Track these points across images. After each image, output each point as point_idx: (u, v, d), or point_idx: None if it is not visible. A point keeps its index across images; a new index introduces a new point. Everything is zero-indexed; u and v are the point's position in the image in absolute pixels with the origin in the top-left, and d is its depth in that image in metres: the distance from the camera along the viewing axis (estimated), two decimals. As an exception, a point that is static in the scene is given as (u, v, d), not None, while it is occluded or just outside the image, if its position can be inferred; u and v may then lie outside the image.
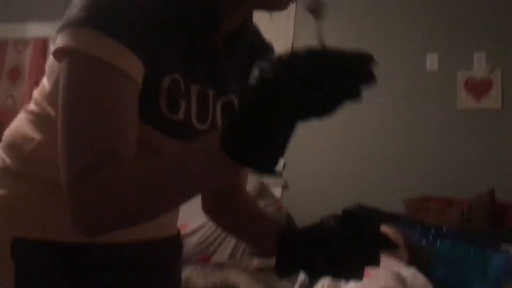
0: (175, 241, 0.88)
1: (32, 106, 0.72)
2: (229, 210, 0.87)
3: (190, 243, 2.80)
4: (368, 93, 0.52)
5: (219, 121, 0.72)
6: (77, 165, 0.56)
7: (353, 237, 0.63)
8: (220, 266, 2.63)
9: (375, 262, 0.63)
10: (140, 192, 0.56)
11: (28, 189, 0.64)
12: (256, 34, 0.82)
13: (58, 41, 0.59)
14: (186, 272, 2.62)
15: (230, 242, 2.78)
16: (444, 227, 1.76)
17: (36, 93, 0.73)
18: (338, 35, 3.11)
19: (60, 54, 0.59)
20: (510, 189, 2.51)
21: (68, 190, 0.56)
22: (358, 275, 0.64)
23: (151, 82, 0.61)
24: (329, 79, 0.46)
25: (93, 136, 0.56)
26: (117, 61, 0.57)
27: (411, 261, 1.56)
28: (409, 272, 1.46)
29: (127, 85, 0.58)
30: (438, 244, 1.67)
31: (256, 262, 2.51)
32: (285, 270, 0.67)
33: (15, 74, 3.91)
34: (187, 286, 2.64)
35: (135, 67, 0.58)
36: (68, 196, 0.56)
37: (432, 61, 2.82)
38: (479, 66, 2.72)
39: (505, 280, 1.56)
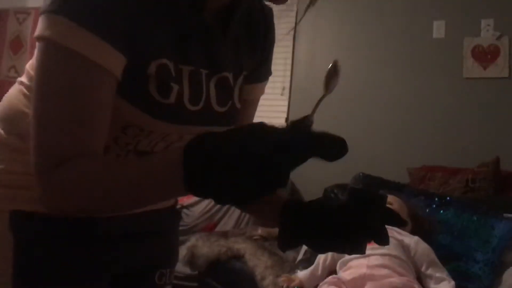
0: (172, 211, 0.90)
1: (24, 78, 0.72)
2: None
3: (195, 213, 2.84)
4: (374, 61, 0.51)
5: (213, 100, 0.72)
6: (44, 157, 0.57)
7: (359, 213, 0.63)
8: (225, 234, 2.66)
9: (382, 238, 0.63)
10: (98, 191, 0.58)
11: (24, 164, 0.65)
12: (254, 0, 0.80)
13: (38, 26, 0.58)
14: (192, 241, 2.66)
15: (235, 212, 2.81)
16: (448, 196, 1.76)
17: (28, 66, 0.72)
18: (345, 5, 3.06)
19: (38, 38, 0.58)
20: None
21: (36, 177, 0.58)
22: (360, 249, 0.64)
23: (138, 69, 0.60)
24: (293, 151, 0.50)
25: (61, 130, 0.57)
26: (90, 52, 0.55)
27: (415, 230, 1.57)
28: (412, 240, 1.47)
29: (101, 77, 0.57)
30: (441, 212, 1.67)
31: (260, 231, 2.54)
32: (288, 243, 0.67)
33: (16, 45, 3.89)
34: (193, 254, 2.69)
35: (111, 58, 0.57)
36: (36, 182, 0.58)
37: (438, 28, 2.77)
38: (487, 33, 2.67)
39: (508, 248, 1.57)
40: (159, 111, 0.64)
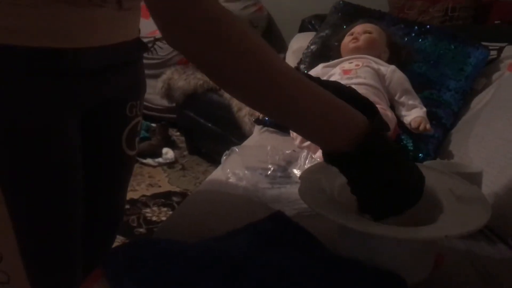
0: (138, 41, 0.88)
1: None
2: None
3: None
4: None
5: None
6: None
7: None
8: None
9: None
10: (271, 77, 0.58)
11: None
12: None
13: None
14: (167, 74, 2.64)
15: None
16: (428, 25, 1.72)
17: None
18: None
19: None
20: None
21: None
22: None
23: None
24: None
25: None
26: None
27: (392, 58, 1.57)
28: (388, 69, 1.48)
29: None
30: (420, 41, 1.65)
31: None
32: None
33: None
34: (169, 87, 2.69)
35: None
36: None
37: None
38: None
39: (480, 75, 1.60)
40: None
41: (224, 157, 1.16)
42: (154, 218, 2.08)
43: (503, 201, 0.95)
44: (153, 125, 2.79)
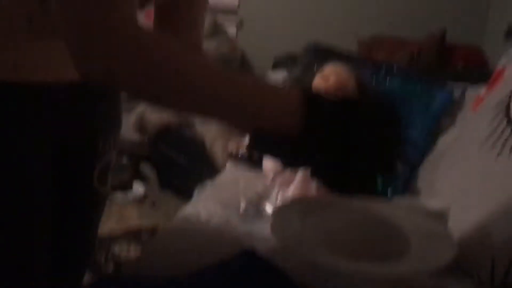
0: None
1: None
2: None
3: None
4: None
5: None
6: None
7: None
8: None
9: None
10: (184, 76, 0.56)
11: None
12: None
13: None
14: (141, 107, 2.64)
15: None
16: (395, 66, 1.80)
17: None
18: None
19: None
20: (461, 29, 2.55)
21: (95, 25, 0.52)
22: None
23: None
24: None
25: None
26: None
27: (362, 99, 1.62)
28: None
29: None
30: (387, 82, 1.72)
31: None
32: None
33: None
34: (142, 120, 2.69)
35: None
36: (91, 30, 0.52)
37: None
38: None
39: (445, 115, 1.66)
40: None
41: (196, 193, 1.16)
42: (123, 255, 2.03)
43: (468, 238, 0.97)
44: (124, 159, 2.76)
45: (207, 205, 1.09)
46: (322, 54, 1.91)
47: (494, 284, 0.82)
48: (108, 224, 2.25)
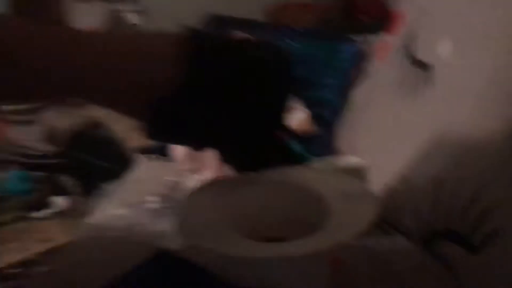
0: None
1: None
2: None
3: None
4: None
5: None
6: None
7: None
8: (80, 104, 2.48)
9: None
10: None
11: None
12: None
13: None
14: (46, 116, 2.44)
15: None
16: (299, 28, 1.75)
17: None
18: None
19: None
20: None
21: None
22: None
23: None
24: None
25: None
26: None
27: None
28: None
29: None
30: (293, 45, 1.67)
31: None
32: None
33: None
34: (51, 129, 2.49)
35: None
36: None
37: None
38: None
39: (355, 69, 1.63)
40: None
41: (101, 197, 1.05)
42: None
43: (392, 191, 0.94)
44: (36, 174, 2.56)
45: (111, 208, 0.99)
46: (225, 24, 1.83)
47: (421, 234, 0.79)
48: (30, 248, 2.07)
